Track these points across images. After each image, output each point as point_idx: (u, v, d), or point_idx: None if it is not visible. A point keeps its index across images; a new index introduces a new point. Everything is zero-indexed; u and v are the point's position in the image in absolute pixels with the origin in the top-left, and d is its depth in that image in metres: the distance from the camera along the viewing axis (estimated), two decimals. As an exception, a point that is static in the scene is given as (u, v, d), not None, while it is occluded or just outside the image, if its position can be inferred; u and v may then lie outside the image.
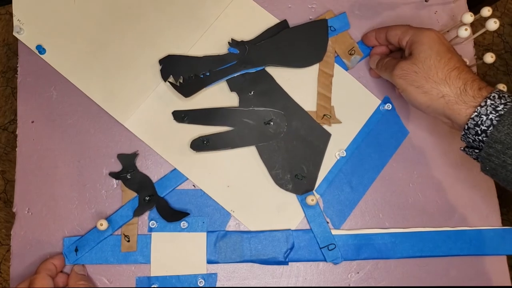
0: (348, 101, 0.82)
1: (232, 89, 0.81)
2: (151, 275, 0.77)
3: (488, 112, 0.61)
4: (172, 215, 0.78)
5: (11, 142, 1.67)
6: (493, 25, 0.71)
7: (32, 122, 0.81)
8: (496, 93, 0.62)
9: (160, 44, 0.83)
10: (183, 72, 0.80)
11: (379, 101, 0.82)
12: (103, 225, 0.74)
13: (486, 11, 0.72)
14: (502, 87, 0.74)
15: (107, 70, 0.82)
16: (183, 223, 0.77)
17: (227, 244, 0.78)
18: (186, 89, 0.79)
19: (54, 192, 0.79)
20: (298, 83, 0.82)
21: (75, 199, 0.79)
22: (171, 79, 0.80)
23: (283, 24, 0.84)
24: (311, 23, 0.83)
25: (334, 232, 0.79)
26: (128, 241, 0.77)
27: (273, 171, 0.79)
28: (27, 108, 0.81)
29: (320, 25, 0.83)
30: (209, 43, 0.83)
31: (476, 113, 0.62)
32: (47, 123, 0.81)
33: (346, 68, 0.83)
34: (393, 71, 0.70)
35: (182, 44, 0.83)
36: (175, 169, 0.80)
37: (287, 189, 0.79)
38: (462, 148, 0.68)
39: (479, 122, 0.62)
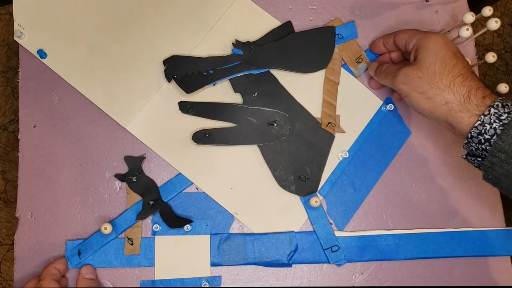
0: (350, 102, 0.82)
1: (236, 90, 0.81)
2: (155, 278, 0.77)
3: (492, 121, 0.61)
4: (175, 221, 0.78)
5: (11, 142, 1.67)
6: (494, 24, 0.71)
7: (34, 126, 0.81)
8: (500, 102, 0.62)
9: (161, 46, 0.82)
10: (187, 72, 0.80)
11: (381, 102, 0.82)
12: (107, 228, 0.74)
13: (487, 11, 0.72)
14: (504, 86, 0.74)
15: (108, 73, 0.82)
16: (187, 226, 0.77)
17: (231, 246, 0.78)
18: (188, 85, 0.80)
19: (57, 196, 0.79)
20: (302, 88, 0.82)
21: (78, 203, 0.79)
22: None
23: (287, 26, 0.83)
24: (319, 29, 0.83)
25: (338, 234, 0.79)
26: (132, 244, 0.77)
27: (276, 172, 0.79)
28: (29, 112, 0.81)
29: (327, 32, 0.83)
30: (211, 45, 0.83)
31: (479, 122, 0.62)
32: (49, 127, 0.81)
33: (352, 75, 0.83)
34: (396, 77, 0.69)
35: (184, 47, 0.82)
36: (179, 173, 0.80)
37: (290, 191, 0.79)
38: (464, 156, 0.68)
39: (483, 131, 0.62)
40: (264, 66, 0.81)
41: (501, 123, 0.61)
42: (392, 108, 0.81)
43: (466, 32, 0.72)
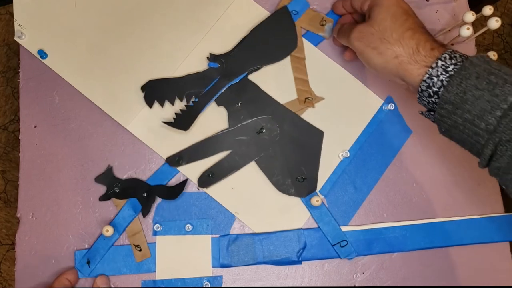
0: (351, 102, 0.82)
1: (219, 104, 0.81)
2: (157, 278, 0.77)
3: (439, 73, 0.62)
4: (173, 192, 0.79)
5: (11, 142, 1.67)
6: (494, 23, 0.71)
7: (35, 127, 0.81)
8: (448, 54, 0.62)
9: (161, 46, 0.82)
10: (167, 95, 0.80)
11: (382, 101, 0.82)
12: (108, 231, 0.74)
13: (487, 10, 0.72)
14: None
15: (109, 73, 0.82)
16: (188, 225, 0.78)
17: (239, 247, 0.78)
18: (183, 123, 0.80)
19: (58, 196, 0.79)
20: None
21: (79, 203, 0.79)
22: (156, 107, 0.80)
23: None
24: (273, 14, 0.83)
25: (345, 228, 0.79)
26: (140, 250, 0.77)
27: (273, 178, 0.79)
28: (30, 113, 0.81)
29: (282, 14, 0.83)
30: (211, 44, 0.83)
31: (427, 75, 0.63)
32: (49, 127, 0.81)
33: (321, 39, 0.84)
34: (350, 34, 0.71)
35: (184, 46, 0.82)
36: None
37: (290, 194, 0.79)
38: (420, 112, 0.69)
39: (431, 84, 0.63)
40: (241, 72, 0.81)
41: (447, 74, 0.61)
42: (393, 108, 0.81)
43: (466, 31, 0.72)
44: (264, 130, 0.80)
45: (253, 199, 0.80)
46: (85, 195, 0.79)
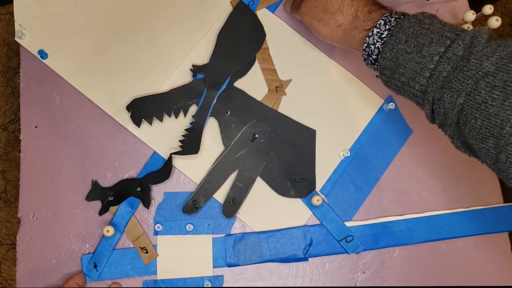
0: (352, 101, 0.82)
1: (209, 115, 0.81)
2: (158, 278, 0.77)
3: (375, 41, 0.63)
4: (164, 173, 0.79)
5: (11, 142, 1.67)
6: (495, 22, 0.71)
7: (36, 127, 0.81)
8: (383, 19, 0.63)
9: (162, 46, 0.83)
10: (154, 112, 0.80)
11: (382, 101, 0.82)
12: (109, 231, 0.74)
13: (487, 9, 0.72)
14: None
15: (109, 73, 0.82)
16: (189, 225, 0.78)
17: (246, 246, 0.78)
18: (191, 147, 0.79)
19: (58, 196, 0.79)
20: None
21: (80, 203, 0.79)
22: (142, 124, 0.80)
23: None
24: (232, 13, 0.83)
25: (349, 224, 0.79)
26: (147, 252, 0.77)
27: (272, 182, 0.80)
28: (30, 113, 0.81)
29: (240, 9, 0.84)
30: (211, 43, 0.83)
31: (366, 44, 0.64)
32: (50, 128, 0.81)
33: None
34: (299, 10, 0.73)
35: (184, 46, 0.83)
36: (155, 152, 0.80)
37: (290, 196, 0.79)
38: (376, 76, 0.69)
39: (370, 52, 0.64)
40: (224, 78, 0.81)
41: (382, 41, 0.62)
42: (393, 107, 0.81)
43: (467, 30, 0.72)
44: (257, 136, 0.80)
45: (253, 198, 0.79)
46: (86, 195, 0.79)
